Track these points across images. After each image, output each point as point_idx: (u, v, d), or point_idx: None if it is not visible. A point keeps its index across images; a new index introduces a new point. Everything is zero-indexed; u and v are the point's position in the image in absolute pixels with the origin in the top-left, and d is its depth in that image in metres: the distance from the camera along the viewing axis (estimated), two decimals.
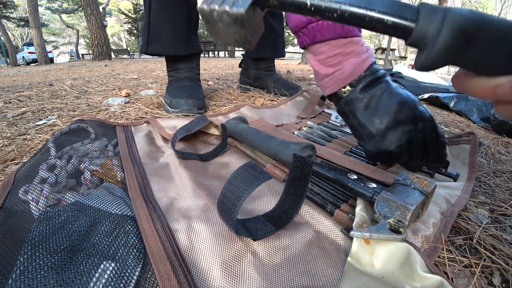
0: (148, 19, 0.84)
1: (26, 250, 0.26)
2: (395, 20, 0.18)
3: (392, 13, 0.18)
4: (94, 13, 6.18)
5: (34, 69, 4.21)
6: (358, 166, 0.42)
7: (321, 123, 0.71)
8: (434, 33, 0.17)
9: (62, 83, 1.53)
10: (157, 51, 0.86)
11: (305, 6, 0.19)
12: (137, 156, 0.50)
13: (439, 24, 0.17)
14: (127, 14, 14.30)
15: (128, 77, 1.85)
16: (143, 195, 0.36)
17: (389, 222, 0.28)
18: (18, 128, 0.70)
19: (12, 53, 10.17)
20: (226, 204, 0.27)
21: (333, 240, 0.31)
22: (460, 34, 0.17)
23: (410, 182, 0.32)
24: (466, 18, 0.17)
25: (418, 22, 0.18)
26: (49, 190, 0.37)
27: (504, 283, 0.27)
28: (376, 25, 0.19)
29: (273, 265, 0.27)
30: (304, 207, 0.35)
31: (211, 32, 0.21)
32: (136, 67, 3.09)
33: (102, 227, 0.31)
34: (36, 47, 7.86)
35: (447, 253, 0.30)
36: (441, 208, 0.35)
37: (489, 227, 0.34)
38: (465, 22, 0.17)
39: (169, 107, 0.81)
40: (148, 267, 0.27)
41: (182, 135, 0.51)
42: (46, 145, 0.49)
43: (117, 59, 8.24)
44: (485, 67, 0.18)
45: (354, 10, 0.19)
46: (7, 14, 12.25)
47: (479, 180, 0.47)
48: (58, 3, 14.59)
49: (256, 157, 0.49)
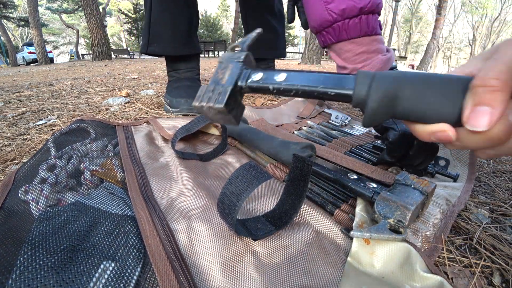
0: (149, 20, 0.84)
1: (26, 250, 0.26)
2: (336, 91, 0.23)
3: (333, 87, 0.23)
4: (94, 13, 6.18)
5: (34, 69, 4.21)
6: (358, 166, 0.42)
7: (321, 123, 0.71)
8: (364, 98, 0.21)
9: (62, 83, 1.53)
10: (157, 52, 0.86)
11: (268, 89, 0.25)
12: (137, 156, 0.50)
13: (367, 89, 0.21)
14: (127, 14, 14.31)
15: (128, 77, 1.85)
16: (143, 195, 0.36)
17: (389, 222, 0.28)
18: (18, 128, 0.70)
19: (12, 53, 10.18)
20: (226, 203, 0.27)
21: (333, 240, 0.31)
22: (384, 94, 0.21)
23: (410, 182, 0.32)
24: (387, 79, 0.21)
25: (354, 89, 0.22)
26: (49, 190, 0.37)
27: (504, 283, 0.27)
28: (324, 96, 0.24)
29: (273, 265, 0.27)
30: (304, 207, 0.35)
31: (205, 117, 0.28)
32: (136, 67, 3.09)
33: (102, 227, 0.31)
34: (36, 47, 7.86)
35: (447, 253, 0.30)
36: (441, 208, 0.35)
37: (489, 227, 0.34)
38: (387, 83, 0.21)
39: (169, 107, 0.82)
40: (148, 267, 0.27)
41: (182, 135, 0.51)
42: (46, 145, 0.49)
43: (117, 59, 8.24)
44: (417, 118, 0.21)
45: (304, 89, 0.24)
46: (7, 14, 12.25)
47: (479, 180, 0.47)
48: (58, 3, 14.60)
49: (256, 157, 0.49)
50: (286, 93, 0.25)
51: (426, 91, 0.20)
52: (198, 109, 0.26)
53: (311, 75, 0.24)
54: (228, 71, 0.27)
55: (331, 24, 0.45)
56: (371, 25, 0.44)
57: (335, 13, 0.47)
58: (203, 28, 18.80)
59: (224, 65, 0.28)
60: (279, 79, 0.25)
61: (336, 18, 0.45)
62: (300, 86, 0.24)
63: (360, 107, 0.22)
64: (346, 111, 0.84)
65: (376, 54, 0.44)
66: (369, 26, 0.43)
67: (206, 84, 0.27)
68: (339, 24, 0.45)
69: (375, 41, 0.44)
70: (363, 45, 0.44)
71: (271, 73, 0.26)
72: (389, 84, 0.21)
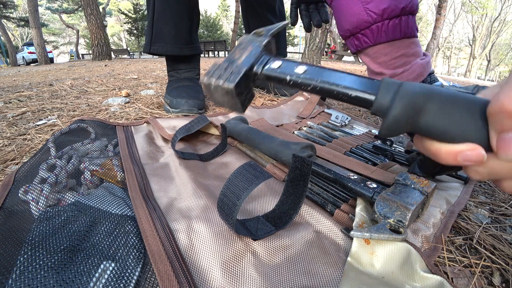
0: (152, 18, 0.84)
1: (26, 250, 0.26)
2: (358, 94, 0.21)
3: (355, 88, 0.21)
4: (94, 13, 6.18)
5: (34, 69, 4.21)
6: (358, 166, 0.42)
7: (321, 123, 0.71)
8: (388, 105, 0.20)
9: (62, 83, 1.53)
10: (160, 51, 0.86)
11: (285, 80, 0.24)
12: (137, 156, 0.50)
13: (392, 97, 0.20)
14: (127, 14, 14.30)
15: (128, 77, 1.85)
16: (143, 195, 0.36)
17: (389, 222, 0.28)
18: (18, 128, 0.70)
19: (12, 53, 10.17)
20: (226, 203, 0.27)
21: (333, 240, 0.31)
22: (410, 105, 0.19)
23: (410, 182, 0.32)
24: (415, 91, 0.19)
25: (378, 95, 0.21)
26: (49, 190, 0.37)
27: (504, 283, 0.27)
28: (342, 97, 0.22)
29: (273, 265, 0.27)
30: (304, 207, 0.35)
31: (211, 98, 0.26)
32: (136, 67, 3.09)
33: (102, 227, 0.31)
34: (36, 47, 7.86)
35: (447, 253, 0.30)
36: (441, 208, 0.35)
37: (489, 227, 0.34)
38: (414, 94, 0.19)
39: (169, 107, 0.82)
40: (148, 267, 0.27)
41: (182, 135, 0.51)
42: (46, 145, 0.49)
43: (117, 59, 8.24)
44: (441, 134, 0.19)
45: (324, 86, 0.22)
46: (7, 14, 12.25)
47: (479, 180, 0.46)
48: (58, 3, 14.60)
49: (256, 157, 0.49)
50: (303, 87, 0.23)
51: (453, 108, 0.19)
52: (205, 86, 0.24)
53: (333, 73, 0.23)
54: (246, 52, 0.25)
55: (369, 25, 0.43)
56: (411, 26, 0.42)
57: (375, 13, 0.43)
58: (203, 28, 18.80)
59: (243, 45, 0.26)
60: (298, 71, 0.23)
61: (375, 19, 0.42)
62: (320, 82, 0.22)
63: (380, 114, 0.21)
64: (346, 111, 0.84)
65: (415, 57, 0.42)
66: (409, 27, 0.41)
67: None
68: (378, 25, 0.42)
69: (413, 43, 0.42)
70: (402, 48, 0.42)
71: (291, 64, 0.24)
72: (416, 94, 0.19)
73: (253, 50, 0.25)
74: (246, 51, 0.25)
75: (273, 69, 0.24)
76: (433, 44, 6.58)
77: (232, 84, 0.23)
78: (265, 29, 0.28)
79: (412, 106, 0.19)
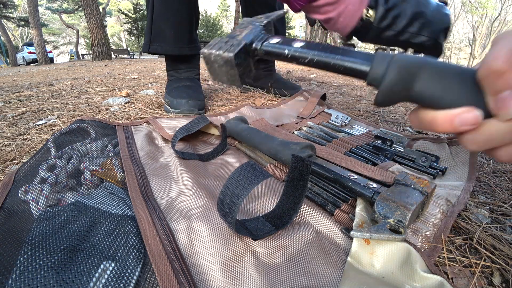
0: (151, 17, 0.83)
1: (26, 250, 0.26)
2: (353, 65, 0.22)
3: (351, 60, 0.22)
4: (94, 13, 6.18)
5: (34, 69, 4.21)
6: (358, 166, 0.42)
7: (321, 123, 0.71)
8: (383, 72, 0.21)
9: (62, 83, 1.53)
10: (160, 51, 0.86)
11: (283, 54, 0.25)
12: (137, 156, 0.50)
13: (386, 64, 0.21)
14: (127, 14, 14.31)
15: (128, 77, 1.85)
16: (143, 195, 0.36)
17: (389, 222, 0.28)
18: (18, 128, 0.70)
19: (12, 53, 10.18)
20: (226, 202, 0.27)
21: (333, 240, 0.31)
22: (404, 71, 0.20)
23: (410, 182, 0.32)
24: (408, 59, 0.20)
25: (372, 65, 0.21)
26: (49, 190, 0.37)
27: (504, 283, 0.27)
28: (338, 68, 0.23)
29: (273, 265, 0.27)
30: (304, 207, 0.35)
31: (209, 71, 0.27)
32: (136, 67, 3.09)
33: (102, 227, 0.31)
34: (36, 47, 7.86)
35: (447, 253, 0.30)
36: (441, 208, 0.35)
37: (489, 227, 0.34)
38: (407, 61, 0.20)
39: (169, 107, 0.81)
40: (148, 267, 0.27)
41: (182, 135, 0.51)
42: (46, 145, 0.49)
43: (117, 59, 8.24)
44: (436, 100, 0.20)
45: (320, 58, 0.24)
46: (7, 14, 12.25)
47: (479, 180, 0.47)
48: (58, 3, 14.60)
49: (256, 157, 0.49)
50: (301, 60, 0.24)
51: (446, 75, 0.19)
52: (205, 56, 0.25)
53: (329, 46, 0.24)
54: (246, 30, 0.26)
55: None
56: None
57: None
58: (203, 28, 18.80)
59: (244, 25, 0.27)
60: (296, 45, 0.24)
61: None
62: (317, 54, 0.23)
63: (375, 83, 0.22)
64: (346, 111, 0.84)
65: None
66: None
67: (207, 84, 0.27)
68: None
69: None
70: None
71: (289, 40, 0.25)
72: (409, 61, 0.20)
73: (253, 28, 0.26)
74: (246, 29, 0.26)
75: (272, 44, 0.25)
76: None
77: (232, 54, 0.24)
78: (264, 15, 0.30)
79: (407, 72, 0.20)
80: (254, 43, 0.25)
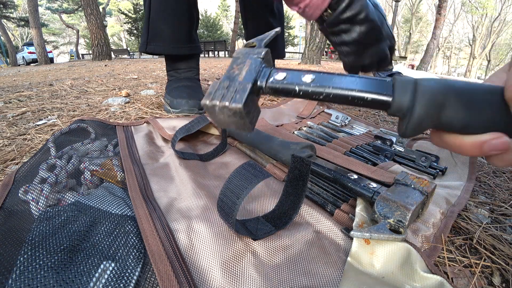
0: (148, 17, 0.82)
1: (26, 250, 0.26)
2: (374, 96, 0.20)
3: (370, 91, 0.20)
4: (94, 13, 6.18)
5: (34, 69, 4.21)
6: (358, 166, 0.42)
7: (321, 123, 0.71)
8: (409, 105, 0.20)
9: (62, 83, 1.53)
10: (157, 51, 0.85)
11: (294, 91, 0.22)
12: (137, 156, 0.50)
13: (410, 95, 0.20)
14: (127, 14, 14.31)
15: (128, 77, 1.85)
16: (143, 195, 0.36)
17: (389, 222, 0.28)
18: (18, 128, 0.70)
19: (12, 53, 10.17)
20: (226, 202, 0.27)
21: (333, 240, 0.31)
22: (432, 103, 0.19)
23: (410, 182, 0.32)
24: (433, 88, 0.19)
25: (394, 96, 0.20)
26: (49, 190, 0.37)
27: (504, 283, 0.27)
28: (358, 102, 0.21)
29: (273, 265, 0.27)
30: (304, 207, 0.35)
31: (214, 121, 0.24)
32: (136, 67, 3.09)
33: (102, 227, 0.31)
34: (36, 47, 7.86)
35: (447, 253, 0.30)
36: (441, 208, 0.35)
37: (489, 227, 0.34)
38: (433, 91, 0.19)
39: (169, 107, 0.81)
40: (148, 267, 0.27)
41: (182, 135, 0.51)
42: (46, 145, 0.49)
43: (117, 59, 8.24)
44: (464, 127, 0.19)
45: (337, 92, 0.21)
46: (7, 14, 12.25)
47: (479, 180, 0.47)
48: (58, 3, 14.60)
49: (256, 157, 0.49)
50: (314, 96, 0.22)
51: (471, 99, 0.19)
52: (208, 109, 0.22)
53: (342, 78, 0.22)
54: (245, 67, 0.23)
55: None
56: None
57: None
58: (203, 28, 18.80)
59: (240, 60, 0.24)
60: (306, 80, 0.22)
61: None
62: (332, 89, 0.21)
63: (400, 115, 0.20)
64: (346, 111, 0.84)
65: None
66: None
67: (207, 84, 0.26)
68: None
69: None
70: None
71: (296, 73, 0.23)
72: (435, 91, 0.19)
73: (252, 64, 0.24)
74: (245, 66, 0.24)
75: (279, 80, 0.23)
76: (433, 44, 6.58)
77: (240, 104, 0.21)
78: (257, 40, 0.27)
79: (434, 104, 0.19)
80: (258, 82, 0.23)
